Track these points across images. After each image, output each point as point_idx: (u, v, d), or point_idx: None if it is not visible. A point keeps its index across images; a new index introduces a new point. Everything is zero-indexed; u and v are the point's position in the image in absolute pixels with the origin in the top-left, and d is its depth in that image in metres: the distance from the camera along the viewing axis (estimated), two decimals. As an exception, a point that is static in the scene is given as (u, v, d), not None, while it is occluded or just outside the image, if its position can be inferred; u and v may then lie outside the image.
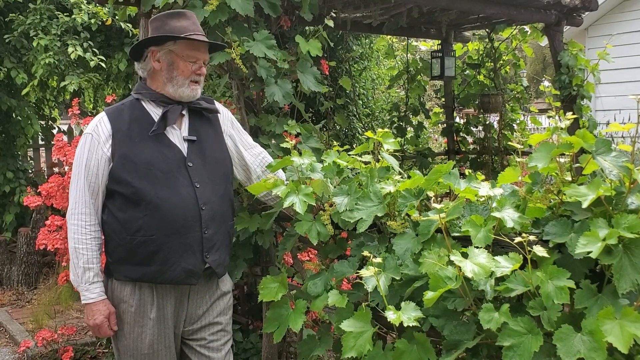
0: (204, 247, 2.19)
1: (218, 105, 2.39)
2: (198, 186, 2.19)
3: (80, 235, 2.15)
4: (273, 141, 2.89)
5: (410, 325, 1.66)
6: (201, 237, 2.18)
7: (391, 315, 1.69)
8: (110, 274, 2.21)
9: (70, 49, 5.37)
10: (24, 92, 5.64)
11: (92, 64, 5.46)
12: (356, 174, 2.28)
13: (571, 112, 2.37)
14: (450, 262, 1.68)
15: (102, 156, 2.14)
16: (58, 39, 5.48)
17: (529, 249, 1.58)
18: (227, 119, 2.43)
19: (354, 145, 6.54)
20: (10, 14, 5.60)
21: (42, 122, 6.97)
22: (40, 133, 6.80)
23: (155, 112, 2.22)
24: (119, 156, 2.13)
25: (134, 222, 2.11)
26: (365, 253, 1.88)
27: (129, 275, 2.15)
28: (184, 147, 2.22)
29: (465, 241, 1.79)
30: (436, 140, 9.45)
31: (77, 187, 2.16)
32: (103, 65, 5.61)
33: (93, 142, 2.15)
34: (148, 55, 2.23)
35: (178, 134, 2.24)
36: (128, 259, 2.14)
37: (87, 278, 2.15)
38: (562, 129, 1.78)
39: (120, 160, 2.13)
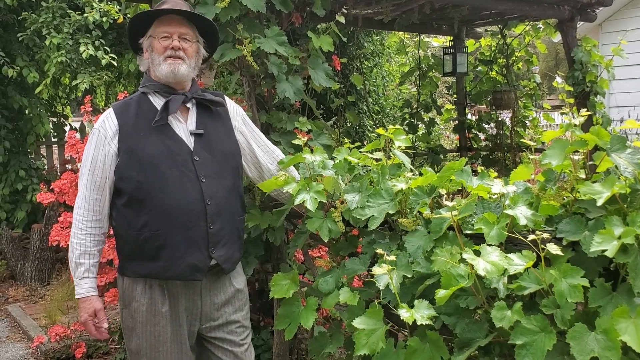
0: (210, 242, 2.16)
1: (229, 102, 2.38)
2: (204, 181, 2.16)
3: (76, 230, 2.15)
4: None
5: (424, 323, 1.66)
6: (206, 232, 2.15)
7: (404, 313, 1.68)
8: (122, 271, 2.21)
9: (82, 48, 5.40)
10: (37, 90, 5.68)
11: (103, 62, 5.49)
12: (367, 171, 2.27)
13: (585, 109, 2.34)
14: (463, 260, 1.67)
15: (109, 151, 2.13)
16: (70, 37, 5.52)
17: (542, 246, 1.57)
18: (238, 114, 2.41)
19: (365, 143, 6.53)
20: (23, 12, 5.64)
21: (54, 120, 7.02)
22: (52, 130, 6.85)
23: (160, 105, 2.19)
24: (124, 151, 2.12)
25: (140, 218, 2.10)
26: (379, 250, 1.87)
27: (137, 271, 2.15)
28: (190, 141, 2.19)
29: (477, 239, 1.77)
30: (448, 137, 9.41)
31: (82, 182, 2.17)
32: (114, 63, 5.65)
33: (100, 137, 2.15)
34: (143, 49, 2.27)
35: (184, 128, 2.21)
36: (136, 256, 2.14)
37: (78, 273, 2.15)
38: (575, 125, 1.76)
39: (126, 155, 2.12)
